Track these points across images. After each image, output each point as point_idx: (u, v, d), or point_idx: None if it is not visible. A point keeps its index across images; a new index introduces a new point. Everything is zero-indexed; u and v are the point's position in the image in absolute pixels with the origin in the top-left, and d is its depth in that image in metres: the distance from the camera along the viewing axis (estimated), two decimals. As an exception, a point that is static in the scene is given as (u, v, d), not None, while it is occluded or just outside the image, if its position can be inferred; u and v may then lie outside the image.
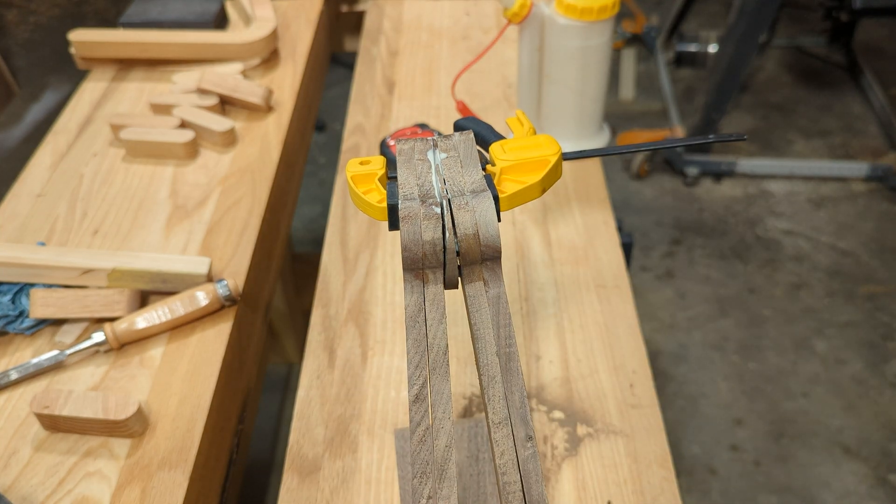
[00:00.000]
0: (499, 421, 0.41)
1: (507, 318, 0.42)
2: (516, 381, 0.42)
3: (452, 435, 0.41)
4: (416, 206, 0.41)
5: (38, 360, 0.71)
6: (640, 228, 2.23)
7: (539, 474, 0.41)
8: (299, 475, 0.67)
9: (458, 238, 0.40)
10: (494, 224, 0.41)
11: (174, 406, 0.69)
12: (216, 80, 1.02)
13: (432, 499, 0.40)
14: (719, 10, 3.11)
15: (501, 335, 0.42)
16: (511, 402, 0.41)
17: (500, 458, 0.41)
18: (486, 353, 0.41)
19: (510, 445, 0.41)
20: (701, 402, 1.79)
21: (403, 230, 0.41)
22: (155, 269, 0.76)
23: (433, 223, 0.41)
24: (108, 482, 0.64)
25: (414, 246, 0.40)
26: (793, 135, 2.57)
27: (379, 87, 1.13)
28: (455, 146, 0.45)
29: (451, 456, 0.41)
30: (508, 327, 0.42)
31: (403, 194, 0.43)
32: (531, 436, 0.42)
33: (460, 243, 0.40)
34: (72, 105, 1.07)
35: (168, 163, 0.96)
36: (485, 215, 0.41)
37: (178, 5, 1.19)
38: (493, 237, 0.41)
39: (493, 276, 0.42)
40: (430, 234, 0.40)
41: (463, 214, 0.41)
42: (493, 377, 0.41)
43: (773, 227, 2.22)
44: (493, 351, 0.41)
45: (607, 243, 0.88)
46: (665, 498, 0.64)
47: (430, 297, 0.42)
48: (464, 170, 0.44)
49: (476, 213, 0.41)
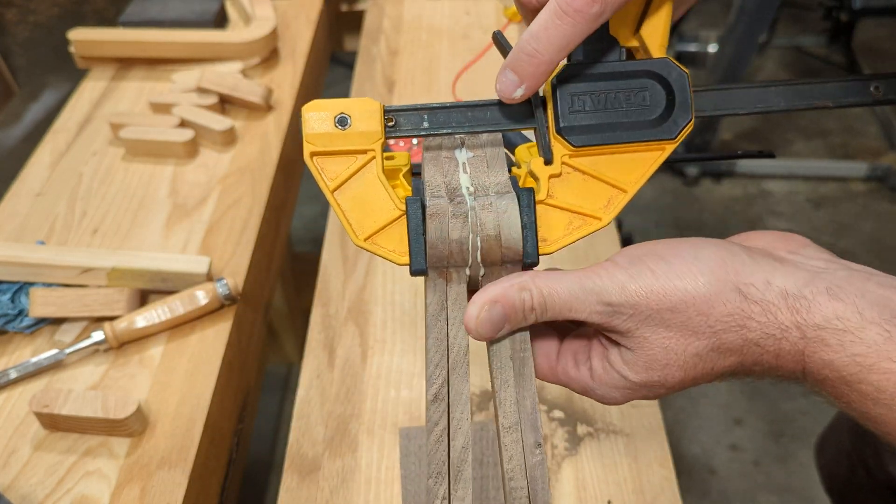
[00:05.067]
0: (509, 426, 0.41)
1: None
2: (528, 387, 0.41)
3: (470, 436, 0.41)
4: (444, 204, 0.40)
5: (38, 359, 0.71)
6: (639, 228, 2.23)
7: (546, 482, 0.41)
8: (299, 474, 0.67)
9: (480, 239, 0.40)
10: (517, 227, 0.40)
11: (174, 405, 0.69)
12: (216, 79, 1.02)
13: (447, 500, 0.40)
14: (719, 10, 3.11)
15: (517, 339, 0.41)
16: (522, 408, 0.41)
17: (507, 463, 0.41)
18: (499, 357, 0.41)
19: (519, 451, 0.41)
20: (700, 401, 1.79)
21: (431, 227, 0.40)
22: (154, 268, 0.76)
23: (461, 221, 0.40)
24: (108, 481, 0.64)
25: (441, 244, 0.40)
26: (792, 135, 2.57)
27: (379, 87, 1.13)
28: (482, 145, 0.44)
29: (467, 457, 0.41)
30: (524, 332, 0.41)
31: (430, 191, 0.42)
32: (540, 443, 0.41)
33: (482, 244, 0.40)
34: (71, 104, 1.07)
35: (168, 162, 0.96)
36: (508, 217, 0.40)
37: (178, 4, 1.19)
38: (515, 240, 0.40)
39: None
40: (458, 233, 0.40)
41: (486, 215, 0.40)
42: (505, 381, 0.41)
43: (772, 226, 2.22)
44: (508, 355, 0.41)
45: (607, 243, 0.87)
46: (665, 497, 0.64)
47: (452, 297, 0.41)
48: (489, 170, 0.43)
49: (499, 214, 0.40)
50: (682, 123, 0.41)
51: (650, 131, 0.41)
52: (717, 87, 0.43)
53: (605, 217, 0.42)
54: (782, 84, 0.43)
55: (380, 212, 0.41)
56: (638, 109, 0.41)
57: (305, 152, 0.41)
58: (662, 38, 0.42)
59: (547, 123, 0.41)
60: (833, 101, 0.43)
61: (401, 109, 0.41)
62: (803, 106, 0.43)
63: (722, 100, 0.43)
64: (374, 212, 0.41)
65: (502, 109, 0.42)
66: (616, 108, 0.41)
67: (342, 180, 0.41)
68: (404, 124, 0.42)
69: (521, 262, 0.41)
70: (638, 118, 0.41)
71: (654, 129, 0.41)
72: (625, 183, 0.42)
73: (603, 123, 0.41)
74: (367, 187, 0.41)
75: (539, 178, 0.42)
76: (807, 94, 0.43)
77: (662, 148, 0.42)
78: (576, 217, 0.42)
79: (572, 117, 0.41)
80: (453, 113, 0.42)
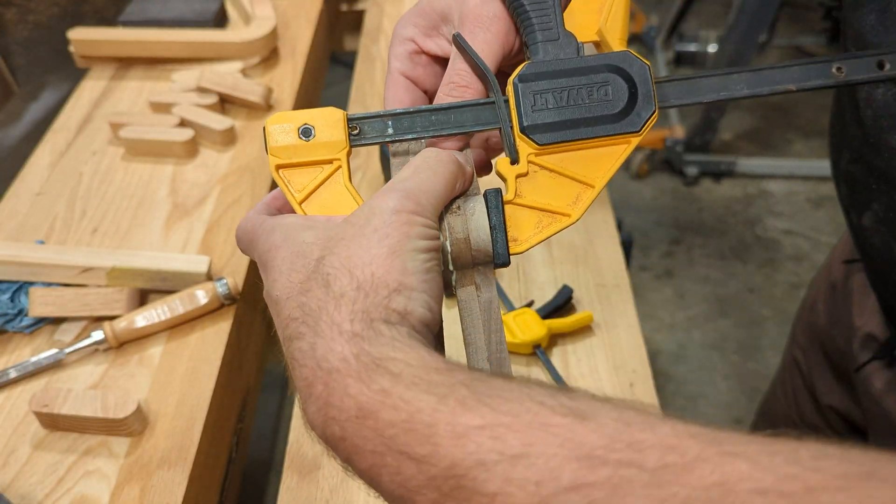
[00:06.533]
0: None
1: (498, 323, 0.41)
2: None
3: None
4: None
5: (38, 358, 0.71)
6: (639, 228, 2.23)
7: None
8: (299, 474, 0.67)
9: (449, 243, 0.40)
10: (485, 228, 0.40)
11: (173, 405, 0.69)
12: (216, 78, 1.02)
13: None
14: (719, 10, 3.11)
15: (493, 340, 0.41)
16: None
17: None
18: (476, 359, 0.41)
19: None
20: (700, 401, 1.79)
21: None
22: (154, 267, 0.76)
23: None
24: (108, 481, 0.64)
25: None
26: (792, 134, 2.57)
27: (379, 87, 1.13)
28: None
29: None
30: (500, 332, 0.41)
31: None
32: None
33: (451, 248, 0.40)
34: (71, 104, 1.07)
35: (167, 161, 0.96)
36: (476, 220, 0.40)
37: (178, 4, 1.19)
38: (485, 242, 0.40)
39: (485, 280, 0.41)
40: None
41: (454, 218, 0.40)
42: None
43: (772, 226, 2.22)
44: (485, 357, 0.41)
45: (607, 242, 0.87)
46: (665, 497, 0.64)
47: None
48: None
49: (467, 217, 0.40)
50: (645, 116, 0.41)
51: (614, 125, 0.41)
52: (678, 78, 0.43)
53: (574, 213, 0.42)
54: (744, 71, 0.43)
55: None
56: (601, 104, 0.41)
57: (271, 165, 0.41)
58: (622, 31, 0.42)
59: (511, 123, 0.41)
60: (796, 85, 0.43)
61: (364, 117, 0.41)
62: (766, 91, 0.43)
63: (685, 90, 0.43)
64: None
65: (466, 112, 0.42)
66: (579, 104, 0.41)
67: (309, 191, 0.41)
68: (369, 132, 0.41)
69: (492, 263, 0.41)
70: (601, 112, 0.41)
71: (618, 122, 0.41)
72: (592, 178, 0.41)
73: (567, 120, 0.41)
74: (334, 197, 0.41)
75: (506, 179, 0.41)
76: (769, 80, 0.43)
77: (628, 141, 0.41)
78: (545, 215, 0.42)
79: (535, 115, 0.41)
80: (417, 118, 0.42)
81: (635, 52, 0.41)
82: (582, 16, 0.43)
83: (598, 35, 0.43)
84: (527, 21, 0.41)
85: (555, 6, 0.41)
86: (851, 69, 0.43)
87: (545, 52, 0.41)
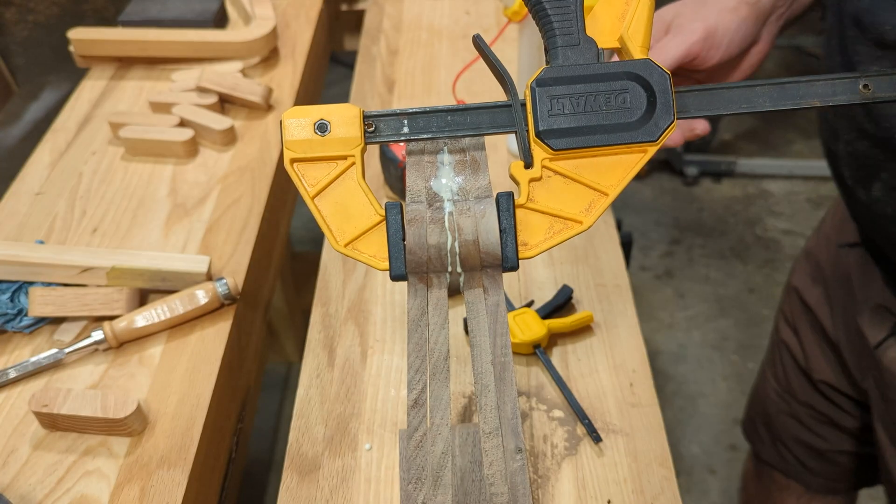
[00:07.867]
0: (489, 431, 0.41)
1: (504, 327, 0.41)
2: (509, 392, 0.41)
3: (449, 442, 0.41)
4: (422, 209, 0.40)
5: (37, 358, 0.71)
6: (639, 228, 2.23)
7: (527, 487, 0.41)
8: (299, 474, 0.67)
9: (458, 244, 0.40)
10: (495, 231, 0.40)
11: (173, 405, 0.69)
12: (216, 78, 1.02)
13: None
14: (719, 9, 3.11)
15: (498, 344, 0.41)
16: (503, 413, 0.41)
17: (488, 469, 0.40)
18: (481, 362, 0.41)
19: (499, 456, 0.41)
20: (700, 401, 1.79)
21: (409, 233, 0.40)
22: (154, 267, 0.76)
23: (439, 227, 0.40)
24: (107, 481, 0.64)
25: (419, 249, 0.40)
26: (792, 135, 2.57)
27: (379, 87, 1.13)
28: (465, 149, 0.44)
29: (447, 463, 0.41)
30: (505, 336, 0.41)
31: (411, 196, 0.42)
32: (521, 448, 0.41)
33: (460, 249, 0.40)
34: (71, 103, 1.07)
35: (167, 161, 0.96)
36: (486, 222, 0.40)
37: (178, 3, 1.19)
38: (493, 244, 0.40)
39: (493, 283, 0.41)
40: (436, 238, 0.40)
41: (464, 219, 0.40)
42: (486, 386, 0.41)
43: (772, 226, 2.22)
44: (489, 360, 0.41)
45: (607, 242, 0.87)
46: (665, 497, 0.64)
47: (433, 302, 0.41)
48: (472, 174, 0.43)
49: (477, 218, 0.40)
50: (663, 125, 0.41)
51: (631, 133, 0.40)
52: (699, 88, 0.42)
53: (587, 221, 0.41)
54: (768, 83, 0.42)
55: (360, 217, 0.41)
56: (618, 111, 0.40)
57: (286, 159, 0.41)
58: (644, 38, 0.42)
59: (526, 127, 0.41)
60: (821, 101, 0.42)
61: (381, 115, 0.41)
62: (790, 106, 0.42)
63: (706, 100, 0.42)
64: (354, 217, 0.41)
65: (482, 114, 0.42)
66: (596, 111, 0.40)
67: (322, 186, 0.41)
68: (384, 130, 0.41)
69: (500, 266, 0.41)
70: (618, 120, 0.40)
71: (635, 131, 0.40)
72: (606, 186, 0.41)
73: (583, 126, 0.40)
74: (347, 193, 0.41)
75: (519, 182, 0.41)
76: (793, 94, 0.42)
77: (644, 150, 0.41)
78: (557, 221, 0.41)
79: (552, 120, 0.40)
80: (433, 118, 0.41)
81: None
82: (605, 21, 0.42)
83: (619, 41, 0.42)
84: (548, 25, 0.41)
85: (577, 11, 0.41)
86: (879, 86, 0.42)
87: (564, 57, 0.41)
